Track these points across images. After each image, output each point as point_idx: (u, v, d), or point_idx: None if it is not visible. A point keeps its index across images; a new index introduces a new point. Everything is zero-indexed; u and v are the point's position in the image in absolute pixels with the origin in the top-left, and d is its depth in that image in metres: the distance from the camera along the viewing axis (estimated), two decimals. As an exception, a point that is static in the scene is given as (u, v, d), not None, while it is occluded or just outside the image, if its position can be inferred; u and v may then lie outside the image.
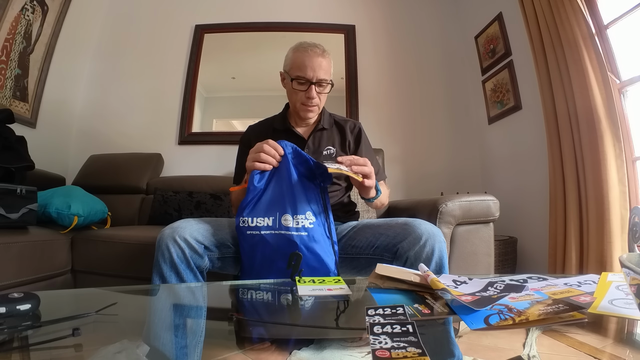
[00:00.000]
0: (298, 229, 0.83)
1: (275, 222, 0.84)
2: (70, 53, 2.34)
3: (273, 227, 0.84)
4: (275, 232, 0.83)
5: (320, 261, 0.83)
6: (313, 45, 1.04)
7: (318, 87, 1.04)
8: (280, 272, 0.81)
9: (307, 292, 0.63)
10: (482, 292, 0.53)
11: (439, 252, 0.86)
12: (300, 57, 1.02)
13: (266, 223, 0.84)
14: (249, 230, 0.85)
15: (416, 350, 0.34)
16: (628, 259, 0.43)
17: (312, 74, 1.01)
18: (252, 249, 0.85)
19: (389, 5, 2.64)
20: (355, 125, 1.19)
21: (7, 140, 1.49)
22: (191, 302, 0.72)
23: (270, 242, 0.83)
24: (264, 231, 0.84)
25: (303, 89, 1.03)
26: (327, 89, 1.07)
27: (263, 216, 0.85)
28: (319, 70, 1.01)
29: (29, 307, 0.49)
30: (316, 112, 1.10)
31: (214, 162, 2.32)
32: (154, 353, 0.42)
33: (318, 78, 1.02)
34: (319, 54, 1.02)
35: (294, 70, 1.03)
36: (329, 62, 1.05)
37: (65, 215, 1.44)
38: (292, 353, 0.40)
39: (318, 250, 0.83)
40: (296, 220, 0.83)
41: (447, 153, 2.45)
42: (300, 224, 0.83)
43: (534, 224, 1.90)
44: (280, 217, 0.84)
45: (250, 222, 0.85)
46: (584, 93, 1.50)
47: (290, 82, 1.05)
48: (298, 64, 1.02)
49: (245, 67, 2.57)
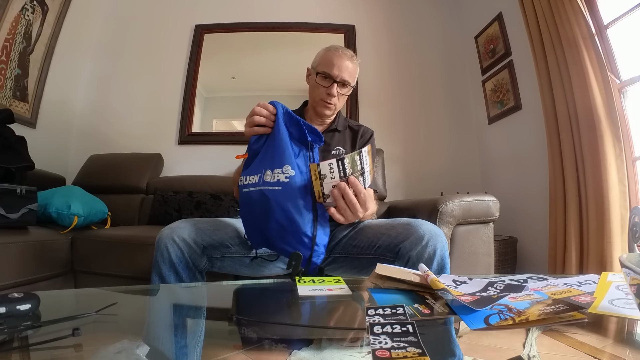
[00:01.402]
0: (272, 184, 0.78)
1: (260, 178, 0.81)
2: (70, 53, 2.34)
3: (257, 183, 0.81)
4: (258, 188, 0.80)
5: (290, 219, 0.77)
6: (345, 49, 1.10)
7: (340, 87, 1.08)
8: (259, 234, 0.82)
9: (307, 292, 0.63)
10: (482, 292, 0.53)
11: (440, 252, 0.86)
12: (330, 56, 1.08)
13: (254, 180, 0.82)
14: (244, 188, 0.83)
15: (416, 350, 0.34)
16: (628, 259, 0.43)
17: (337, 73, 1.06)
18: (243, 207, 0.84)
19: (389, 5, 2.64)
20: (367, 131, 1.22)
21: (7, 140, 1.49)
22: (191, 302, 0.72)
23: (254, 198, 0.80)
24: (251, 188, 0.81)
25: (325, 85, 1.07)
26: (348, 92, 1.11)
27: (253, 174, 0.83)
28: (345, 72, 1.06)
29: (29, 307, 0.49)
30: (333, 110, 1.13)
31: (214, 162, 2.32)
32: (153, 353, 0.42)
33: (342, 78, 1.06)
34: (348, 57, 1.08)
35: (321, 66, 1.08)
36: (356, 68, 1.11)
37: (65, 215, 1.44)
38: (292, 353, 0.40)
39: (290, 207, 0.77)
40: (274, 175, 0.80)
41: (447, 153, 2.45)
42: (276, 178, 0.79)
43: (534, 224, 1.90)
44: (264, 174, 0.81)
45: (244, 180, 0.83)
46: (584, 93, 1.50)
47: (315, 76, 1.09)
48: (326, 61, 1.07)
49: (245, 67, 2.57)
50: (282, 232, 0.79)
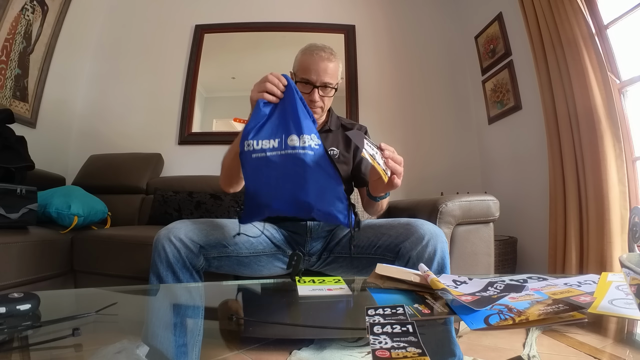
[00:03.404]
0: (304, 147, 0.78)
1: (282, 143, 0.79)
2: (70, 53, 2.34)
3: (279, 147, 0.79)
4: (282, 152, 0.79)
5: (329, 179, 0.79)
6: (320, 48, 1.04)
7: (321, 91, 1.04)
8: (286, 199, 0.80)
9: (307, 292, 0.63)
10: (482, 292, 0.53)
11: (441, 252, 0.86)
12: (306, 61, 1.03)
13: (272, 145, 0.80)
14: (254, 153, 0.80)
15: (416, 350, 0.34)
16: (628, 259, 0.43)
17: (315, 78, 1.01)
18: (256, 173, 0.81)
19: (389, 5, 2.63)
20: (361, 129, 1.20)
21: (7, 140, 1.49)
22: (190, 302, 0.72)
23: (277, 162, 0.79)
24: (269, 152, 0.79)
25: (307, 91, 1.03)
26: (331, 93, 1.07)
27: (268, 138, 0.81)
28: (324, 75, 1.02)
29: (29, 307, 0.49)
30: (320, 113, 1.10)
31: (214, 162, 2.28)
32: (153, 353, 0.42)
33: (322, 82, 1.02)
34: (325, 58, 1.03)
35: (299, 73, 1.04)
36: (336, 66, 1.06)
37: (65, 215, 1.44)
38: (292, 353, 0.40)
39: (328, 169, 0.79)
40: (302, 140, 0.79)
41: (447, 153, 2.45)
42: (307, 143, 0.79)
43: (534, 224, 1.90)
44: (286, 138, 0.80)
45: (256, 145, 0.80)
46: (584, 93, 1.50)
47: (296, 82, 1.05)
48: (303, 67, 1.03)
49: (245, 67, 2.57)
50: (321, 192, 0.79)
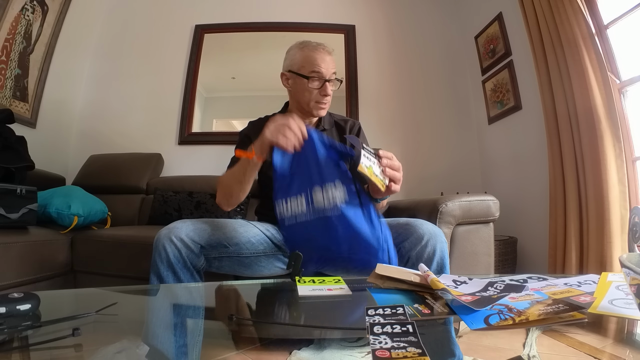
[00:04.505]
0: (332, 207, 0.77)
1: (309, 206, 0.78)
2: (70, 53, 2.34)
3: (307, 211, 0.78)
4: (311, 217, 0.78)
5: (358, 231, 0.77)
6: (320, 43, 1.04)
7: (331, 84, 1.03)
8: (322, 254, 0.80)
9: (307, 292, 0.63)
10: (482, 292, 0.53)
11: (440, 252, 0.86)
12: (311, 55, 1.01)
13: (301, 209, 0.79)
14: (287, 221, 0.80)
15: (416, 350, 0.34)
16: (628, 259, 0.43)
17: (325, 71, 1.00)
18: (294, 237, 0.81)
19: (389, 5, 2.63)
20: (355, 124, 1.18)
21: (7, 140, 1.49)
22: (191, 302, 0.72)
23: (309, 228, 0.79)
24: (299, 219, 0.79)
25: (318, 87, 1.01)
26: (337, 85, 1.06)
27: (295, 195, 0.80)
28: (331, 67, 1.02)
29: (29, 307, 0.49)
30: (327, 109, 1.09)
31: (214, 162, 2.31)
32: (153, 353, 0.42)
33: (331, 75, 1.02)
34: (327, 52, 1.03)
35: (307, 67, 1.01)
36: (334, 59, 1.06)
37: (65, 215, 1.44)
38: (292, 353, 0.40)
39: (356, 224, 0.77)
40: (326, 192, 0.77)
41: (447, 153, 2.45)
42: (331, 197, 0.77)
43: (534, 224, 1.90)
44: (311, 194, 0.78)
45: (285, 212, 0.80)
46: (584, 93, 1.50)
47: (306, 80, 1.01)
48: (311, 62, 1.00)
49: (245, 67, 2.57)
50: (355, 244, 0.78)
